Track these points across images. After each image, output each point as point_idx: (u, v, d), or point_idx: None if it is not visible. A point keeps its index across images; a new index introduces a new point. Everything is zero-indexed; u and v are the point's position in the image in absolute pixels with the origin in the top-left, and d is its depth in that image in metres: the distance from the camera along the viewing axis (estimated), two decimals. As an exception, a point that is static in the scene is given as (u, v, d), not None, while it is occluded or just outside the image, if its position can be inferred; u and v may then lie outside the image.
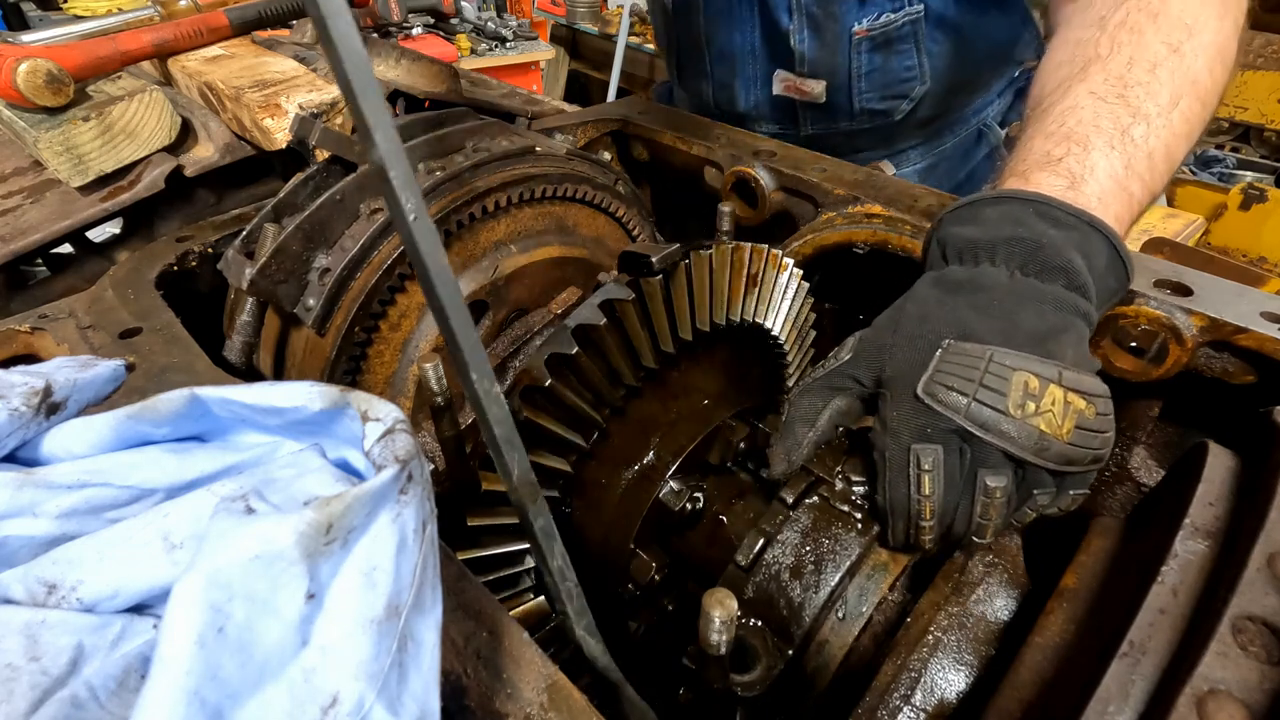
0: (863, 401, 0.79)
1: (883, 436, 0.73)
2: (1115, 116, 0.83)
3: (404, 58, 1.42)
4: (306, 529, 0.35)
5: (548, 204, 1.04)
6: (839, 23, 1.38)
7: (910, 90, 1.44)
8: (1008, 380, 0.66)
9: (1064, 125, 0.84)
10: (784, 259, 0.94)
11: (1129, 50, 0.88)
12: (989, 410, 0.66)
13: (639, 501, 0.88)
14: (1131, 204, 0.81)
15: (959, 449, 0.69)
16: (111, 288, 0.94)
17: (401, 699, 0.37)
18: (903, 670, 0.69)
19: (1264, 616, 0.52)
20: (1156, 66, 0.86)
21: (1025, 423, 0.66)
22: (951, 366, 0.69)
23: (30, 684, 0.34)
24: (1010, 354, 0.67)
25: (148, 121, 1.07)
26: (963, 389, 0.67)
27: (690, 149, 1.32)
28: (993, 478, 0.67)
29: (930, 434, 0.69)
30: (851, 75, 1.43)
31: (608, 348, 0.80)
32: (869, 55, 1.40)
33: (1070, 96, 0.87)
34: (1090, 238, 0.74)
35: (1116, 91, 0.85)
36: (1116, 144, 0.81)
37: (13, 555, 0.41)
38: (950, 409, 0.67)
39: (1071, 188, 0.78)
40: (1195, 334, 0.82)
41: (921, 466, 0.69)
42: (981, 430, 0.66)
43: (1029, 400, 0.66)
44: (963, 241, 0.77)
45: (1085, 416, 0.67)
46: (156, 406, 0.46)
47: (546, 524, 0.55)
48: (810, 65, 1.46)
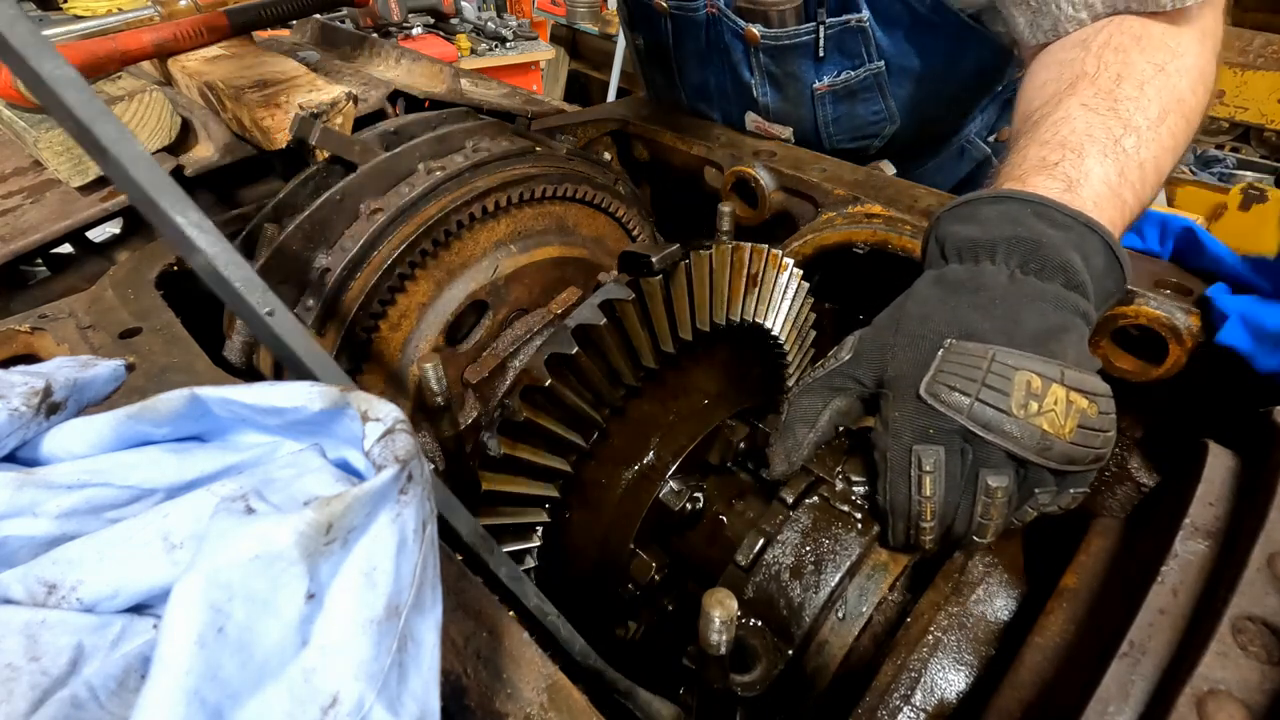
0: (863, 402, 0.79)
1: (884, 437, 0.73)
2: (1107, 127, 0.84)
3: (404, 58, 1.42)
4: (306, 529, 0.35)
5: (548, 204, 1.04)
6: (799, 80, 1.36)
7: (881, 130, 1.43)
8: (1010, 380, 0.66)
9: (1058, 134, 0.84)
10: (784, 259, 0.94)
11: (1116, 68, 0.90)
12: (992, 410, 0.66)
13: (639, 501, 0.88)
14: (1124, 211, 0.82)
15: (961, 449, 0.68)
16: (111, 288, 0.94)
17: (401, 699, 0.37)
18: (903, 670, 0.69)
19: (1264, 616, 0.52)
20: (1144, 84, 0.88)
21: (1028, 422, 0.65)
22: (954, 366, 0.68)
23: (30, 684, 0.34)
24: (1013, 353, 0.67)
25: (148, 121, 1.07)
26: (965, 389, 0.67)
27: (690, 149, 1.32)
28: (994, 478, 0.67)
29: (932, 434, 0.69)
30: (818, 123, 1.43)
31: (608, 348, 0.80)
32: (833, 106, 1.39)
33: (1062, 108, 0.88)
34: (1087, 238, 0.74)
35: (1107, 104, 0.86)
36: (1110, 153, 0.82)
37: (13, 555, 0.41)
38: (953, 409, 0.67)
39: (1068, 190, 0.78)
40: (1195, 334, 0.82)
41: (923, 467, 0.68)
42: (984, 430, 0.66)
43: (1032, 400, 0.65)
44: (962, 240, 0.77)
45: (1088, 416, 0.67)
46: (156, 406, 0.46)
47: (511, 570, 0.56)
48: (775, 115, 1.46)
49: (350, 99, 1.13)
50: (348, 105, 1.12)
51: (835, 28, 1.26)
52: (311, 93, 1.12)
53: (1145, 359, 0.88)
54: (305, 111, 1.06)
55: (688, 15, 1.44)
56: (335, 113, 1.11)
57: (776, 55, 1.34)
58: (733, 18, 1.35)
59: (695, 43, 1.48)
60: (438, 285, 0.95)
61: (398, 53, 1.44)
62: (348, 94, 1.12)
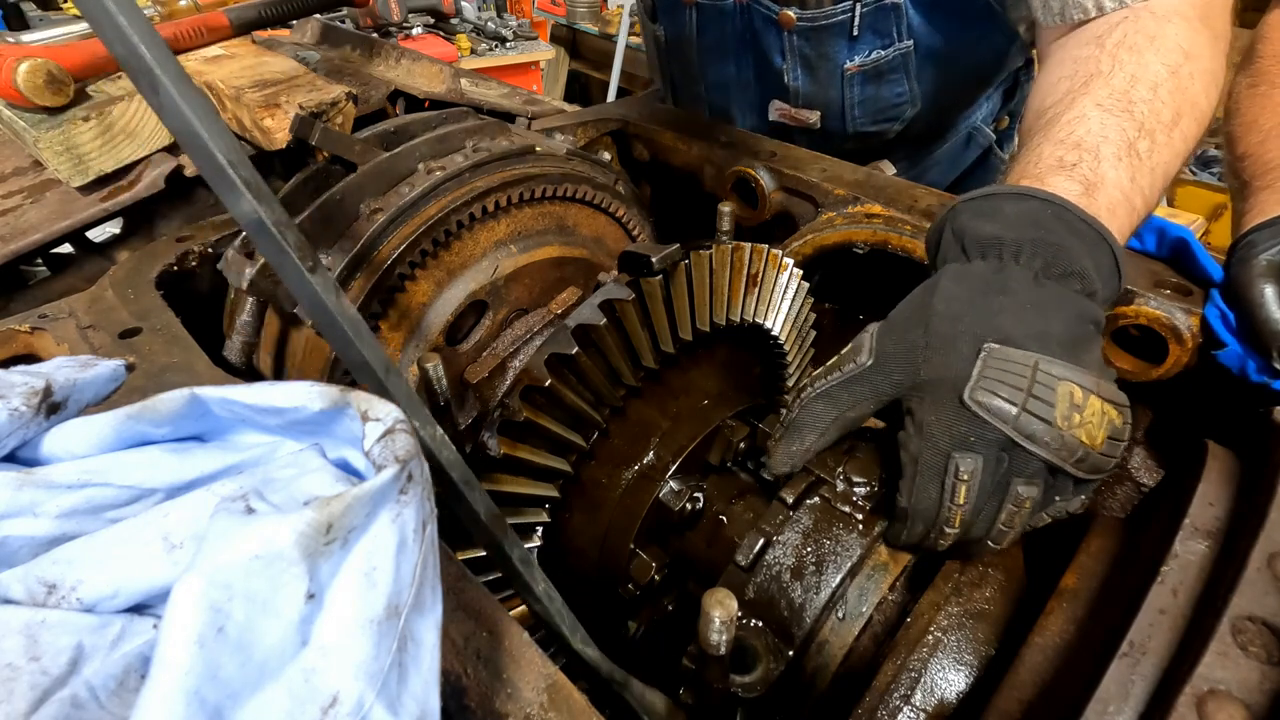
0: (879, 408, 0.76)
1: (916, 440, 0.70)
2: (1122, 129, 0.83)
3: (404, 58, 1.42)
4: (306, 529, 0.35)
5: (548, 204, 1.04)
6: (830, 61, 1.41)
7: (902, 113, 1.48)
8: (1054, 390, 0.64)
9: (1073, 134, 0.84)
10: (784, 259, 0.94)
11: (1130, 68, 0.89)
12: (1039, 422, 0.64)
13: (639, 501, 0.88)
14: (1133, 218, 0.82)
15: (997, 458, 0.66)
16: (111, 288, 0.94)
17: (401, 699, 0.37)
18: (903, 670, 0.69)
19: (1264, 616, 0.52)
20: (1158, 86, 0.87)
21: (1069, 434, 0.64)
22: (998, 373, 0.66)
23: (30, 684, 0.34)
24: (1056, 363, 0.66)
25: (148, 121, 1.07)
26: (1012, 398, 0.64)
27: (690, 149, 1.32)
28: (1026, 487, 0.66)
29: (973, 442, 0.66)
30: (845, 106, 1.47)
31: (608, 348, 0.80)
32: (861, 87, 1.44)
33: (1076, 107, 0.87)
34: (1099, 247, 0.74)
35: (1122, 106, 0.85)
36: (1124, 156, 0.81)
37: (13, 555, 0.41)
38: (999, 418, 0.65)
39: (1086, 194, 0.78)
40: (1195, 334, 0.82)
41: (959, 476, 0.66)
42: (1028, 441, 0.64)
43: (1074, 412, 0.64)
44: (985, 237, 0.75)
45: (1116, 426, 0.66)
46: (156, 406, 0.46)
47: (522, 553, 0.56)
48: (804, 99, 1.50)
49: (350, 99, 1.13)
50: (348, 105, 1.12)
51: (870, 5, 1.32)
52: (311, 93, 1.12)
53: (1145, 359, 0.88)
54: (305, 111, 1.06)
55: (715, 5, 1.48)
56: (335, 113, 1.11)
57: (810, 37, 1.39)
58: (766, 3, 1.40)
59: (720, 33, 1.52)
60: (438, 285, 0.95)
61: (398, 53, 1.43)
62: (348, 94, 1.12)
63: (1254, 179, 0.94)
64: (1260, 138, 0.98)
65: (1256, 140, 0.98)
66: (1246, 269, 0.79)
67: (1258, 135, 0.99)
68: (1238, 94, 1.09)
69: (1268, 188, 0.89)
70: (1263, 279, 0.78)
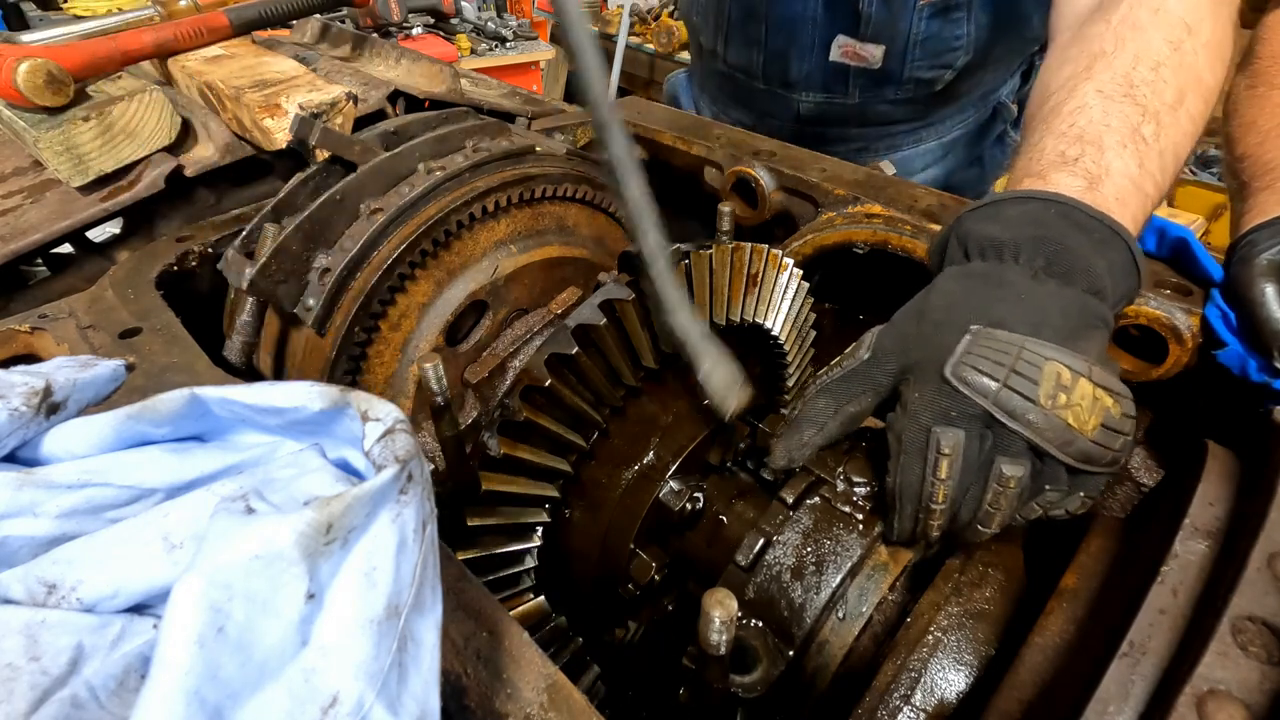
0: (879, 403, 0.77)
1: (901, 418, 0.71)
2: (1125, 115, 0.83)
3: (404, 58, 1.42)
4: (306, 529, 0.35)
5: (548, 204, 1.04)
6: None
7: (955, 60, 1.53)
8: (1040, 369, 0.65)
9: (1075, 125, 0.83)
10: (784, 259, 0.94)
11: (1133, 46, 0.89)
12: (1019, 398, 0.64)
13: (639, 501, 0.88)
14: (1146, 204, 0.81)
15: (980, 435, 0.67)
16: (111, 288, 0.94)
17: (401, 699, 0.37)
18: (903, 670, 0.69)
19: (1264, 616, 0.52)
20: (1160, 65, 0.87)
21: (1054, 414, 0.64)
22: (983, 350, 0.67)
23: (30, 684, 0.34)
24: (1044, 345, 0.66)
25: (148, 121, 1.07)
26: (993, 373, 0.65)
27: (690, 149, 1.32)
28: (1010, 466, 0.66)
29: (954, 417, 0.67)
30: (909, 41, 1.51)
31: (608, 348, 0.80)
32: (928, 21, 1.48)
33: (1077, 95, 0.87)
34: (1110, 241, 0.73)
35: (1123, 90, 0.85)
36: (1129, 143, 0.81)
37: (13, 555, 0.41)
38: (978, 392, 0.66)
39: (1090, 188, 0.77)
40: (1195, 334, 0.82)
41: (940, 450, 0.67)
42: (1008, 417, 0.65)
43: (1060, 392, 0.64)
44: (984, 238, 0.76)
45: (1111, 415, 0.66)
46: (156, 406, 0.46)
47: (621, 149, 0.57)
48: (874, 29, 1.52)
49: (350, 99, 1.13)
50: (348, 105, 1.12)
51: None
52: (311, 93, 1.12)
53: (1145, 359, 0.88)
54: (305, 111, 1.06)
55: None
56: (335, 113, 1.11)
57: None
58: None
59: None
60: (438, 285, 0.95)
61: (398, 53, 1.43)
62: (348, 94, 1.12)
63: (1253, 179, 0.94)
64: (1259, 139, 0.98)
65: (1255, 141, 0.99)
66: (1247, 268, 0.79)
67: (1256, 136, 0.99)
68: (1236, 95, 1.09)
69: (1267, 188, 0.89)
70: (1263, 278, 0.78)
